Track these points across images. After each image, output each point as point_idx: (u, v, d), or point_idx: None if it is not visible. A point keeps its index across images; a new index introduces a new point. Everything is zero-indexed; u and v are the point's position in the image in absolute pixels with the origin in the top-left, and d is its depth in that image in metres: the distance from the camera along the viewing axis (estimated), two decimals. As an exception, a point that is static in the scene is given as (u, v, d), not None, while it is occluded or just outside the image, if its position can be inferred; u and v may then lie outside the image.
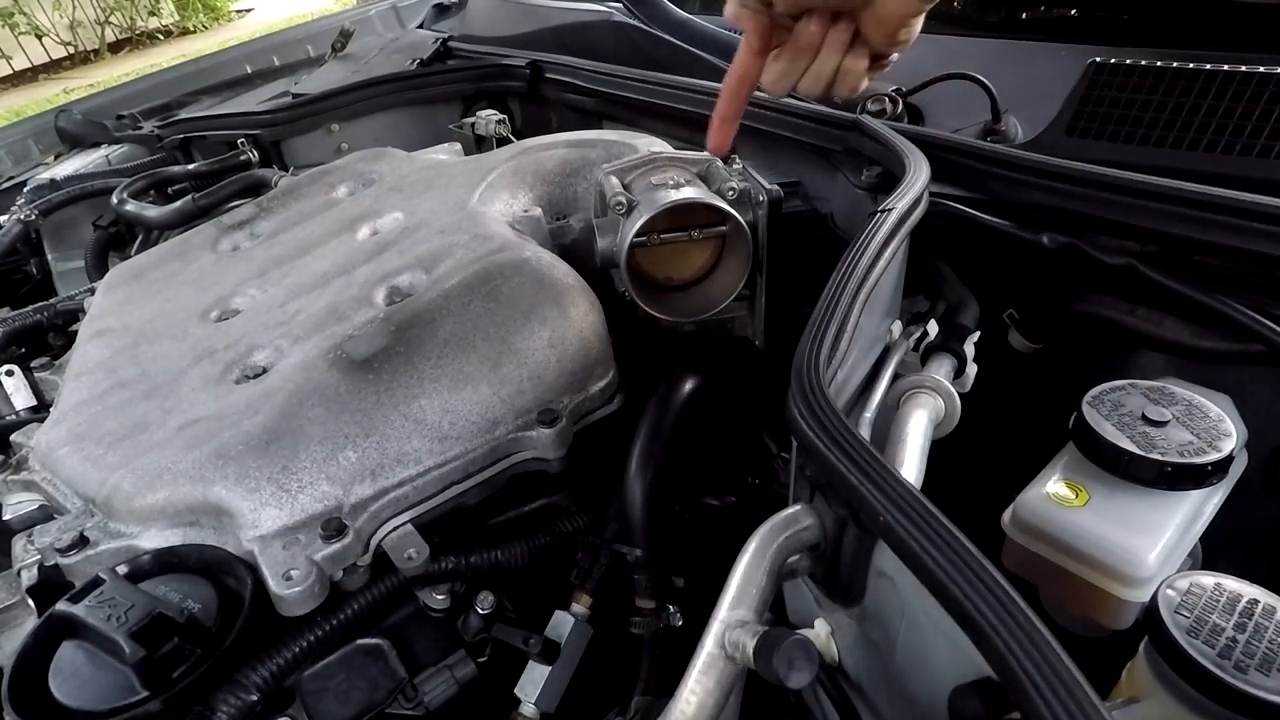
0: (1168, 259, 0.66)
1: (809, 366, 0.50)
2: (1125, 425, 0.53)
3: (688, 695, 0.41)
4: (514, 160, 0.96)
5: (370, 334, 0.71)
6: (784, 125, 0.93)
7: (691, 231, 0.74)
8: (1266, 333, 0.59)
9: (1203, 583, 0.42)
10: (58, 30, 8.41)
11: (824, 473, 0.44)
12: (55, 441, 0.72)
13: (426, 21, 2.04)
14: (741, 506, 0.85)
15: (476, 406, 0.68)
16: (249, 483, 0.61)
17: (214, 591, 0.59)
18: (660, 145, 0.95)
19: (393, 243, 0.87)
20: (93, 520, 0.66)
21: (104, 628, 0.53)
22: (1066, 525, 0.50)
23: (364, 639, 0.64)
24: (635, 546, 0.72)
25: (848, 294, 0.56)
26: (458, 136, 1.40)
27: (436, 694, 0.65)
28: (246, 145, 1.41)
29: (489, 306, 0.72)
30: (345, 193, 1.06)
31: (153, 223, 1.27)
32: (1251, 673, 0.37)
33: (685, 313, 0.79)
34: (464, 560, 0.67)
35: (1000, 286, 0.77)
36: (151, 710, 0.53)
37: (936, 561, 0.36)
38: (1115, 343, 0.71)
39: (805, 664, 0.37)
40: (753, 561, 0.44)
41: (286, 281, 0.87)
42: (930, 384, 0.61)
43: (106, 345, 0.85)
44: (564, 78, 1.38)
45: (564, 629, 0.71)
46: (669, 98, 1.12)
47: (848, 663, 0.54)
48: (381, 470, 0.64)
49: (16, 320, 1.05)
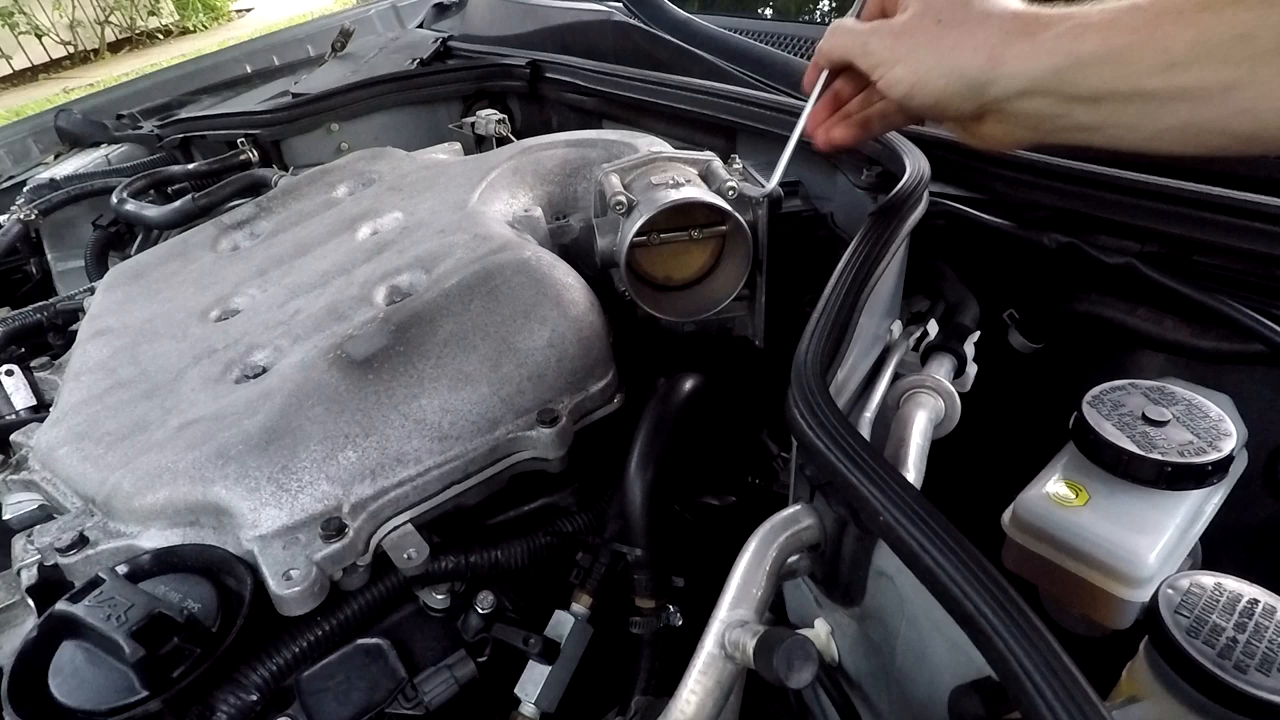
0: (1168, 259, 0.66)
1: (809, 366, 0.50)
2: (1125, 425, 0.53)
3: (688, 695, 0.41)
4: (514, 160, 0.96)
5: (370, 334, 0.71)
6: (784, 125, 0.93)
7: (691, 231, 0.74)
8: (1266, 333, 0.59)
9: (1203, 583, 0.42)
10: (57, 30, 8.42)
11: (824, 473, 0.44)
12: (55, 441, 0.72)
13: (426, 21, 2.04)
14: (741, 506, 0.85)
15: (476, 406, 0.68)
16: (249, 482, 0.61)
17: (214, 591, 0.59)
18: (660, 145, 0.95)
19: (392, 242, 0.87)
20: (92, 520, 0.66)
21: (104, 627, 0.53)
22: (1066, 525, 0.50)
23: (364, 639, 0.64)
24: (635, 546, 0.72)
25: (848, 294, 0.56)
26: (458, 136, 1.40)
27: (436, 694, 0.65)
28: (246, 145, 1.41)
29: (489, 306, 0.72)
30: (345, 192, 1.06)
31: (153, 222, 1.27)
32: (1251, 673, 0.37)
33: (685, 312, 0.79)
34: (464, 560, 0.67)
35: (1000, 286, 0.77)
36: (151, 710, 0.53)
37: (936, 561, 0.36)
38: (1115, 343, 0.71)
39: (805, 664, 0.37)
40: (753, 561, 0.44)
41: (286, 281, 0.87)
42: (930, 384, 0.61)
43: (106, 345, 0.85)
44: (564, 77, 1.37)
45: (564, 629, 0.71)
46: (669, 98, 1.12)
47: (848, 663, 0.54)
48: (381, 470, 0.64)
49: (16, 320, 1.05)
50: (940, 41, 0.53)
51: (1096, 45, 0.47)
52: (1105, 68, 0.47)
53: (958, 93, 0.53)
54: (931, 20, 0.54)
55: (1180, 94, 0.45)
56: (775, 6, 1.61)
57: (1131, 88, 0.46)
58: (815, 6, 1.58)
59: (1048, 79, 0.49)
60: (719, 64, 1.16)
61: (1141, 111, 0.47)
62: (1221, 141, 0.46)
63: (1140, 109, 0.47)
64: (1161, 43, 0.44)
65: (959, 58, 0.52)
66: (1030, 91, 0.51)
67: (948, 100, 0.54)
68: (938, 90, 0.54)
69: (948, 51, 0.53)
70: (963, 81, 0.53)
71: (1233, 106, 0.43)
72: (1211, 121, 0.44)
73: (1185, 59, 0.43)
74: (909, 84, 0.55)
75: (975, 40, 0.52)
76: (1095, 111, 0.49)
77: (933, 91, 0.55)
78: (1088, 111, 0.49)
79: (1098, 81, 0.47)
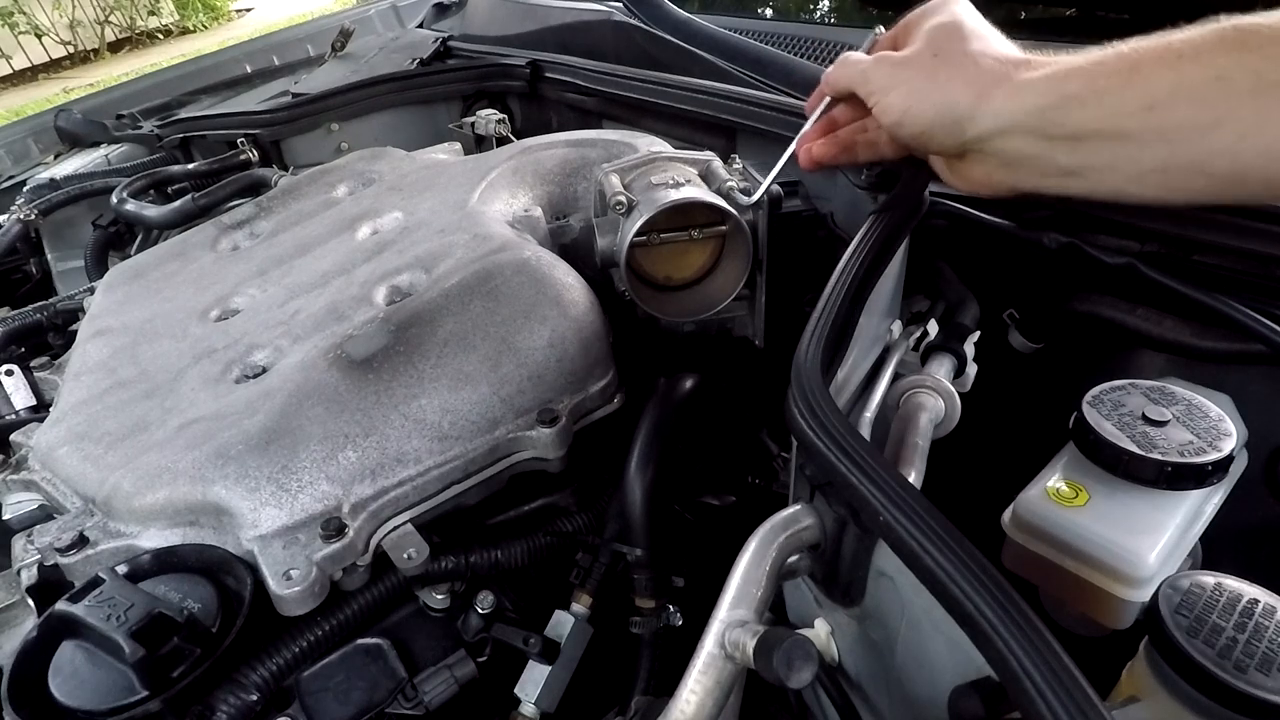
0: (1168, 259, 0.66)
1: (809, 366, 0.50)
2: (1125, 425, 0.53)
3: (688, 695, 0.41)
4: (514, 160, 0.96)
5: (370, 334, 0.71)
6: (784, 125, 0.93)
7: (691, 231, 0.74)
8: (1266, 333, 0.59)
9: (1203, 582, 0.42)
10: (57, 30, 8.42)
11: (824, 473, 0.44)
12: (55, 441, 0.72)
13: (426, 21, 2.03)
14: (741, 506, 0.85)
15: (476, 406, 0.68)
16: (249, 482, 0.61)
17: (214, 591, 0.59)
18: (660, 145, 0.95)
19: (392, 242, 0.87)
20: (92, 520, 0.66)
21: (104, 627, 0.53)
22: (1066, 525, 0.50)
23: (364, 639, 0.64)
24: (635, 546, 0.72)
25: (848, 294, 0.56)
26: (458, 136, 1.40)
27: (436, 694, 0.65)
28: (246, 145, 1.41)
29: (489, 306, 0.72)
30: (345, 192, 1.06)
31: (152, 222, 1.27)
32: (1251, 673, 0.37)
33: (685, 312, 0.79)
34: (464, 560, 0.67)
35: (1000, 286, 0.77)
36: (151, 710, 0.53)
37: (936, 561, 0.36)
38: (1115, 343, 0.71)
39: (805, 664, 0.37)
40: (753, 561, 0.44)
41: (286, 281, 0.87)
42: (930, 384, 0.61)
43: (106, 345, 0.85)
44: (564, 77, 1.37)
45: (564, 628, 0.71)
46: (669, 98, 1.12)
47: (848, 663, 0.54)
48: (381, 470, 0.64)
49: (16, 320, 1.05)
50: (935, 75, 0.55)
51: (1079, 86, 0.48)
52: (1087, 108, 0.48)
53: (944, 126, 0.55)
54: (929, 55, 0.56)
55: (1159, 134, 0.46)
56: (775, 6, 1.61)
57: (1112, 128, 0.47)
58: (815, 6, 1.58)
59: (1030, 118, 0.51)
60: (719, 64, 1.16)
61: (1121, 153, 0.48)
62: (1200, 184, 0.46)
63: (1119, 150, 0.48)
64: (1141, 85, 0.46)
65: (949, 91, 0.54)
66: (1012, 130, 0.52)
67: (933, 132, 0.56)
68: (926, 120, 0.56)
69: (940, 85, 0.55)
70: (950, 115, 0.54)
71: (1211, 147, 0.44)
72: (1190, 163, 0.45)
73: (1165, 100, 0.45)
74: (900, 111, 0.57)
75: (966, 76, 0.53)
76: (1075, 152, 0.50)
77: (921, 121, 0.56)
78: (1068, 153, 0.50)
79: (1079, 121, 0.48)
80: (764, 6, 1.63)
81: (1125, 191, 0.50)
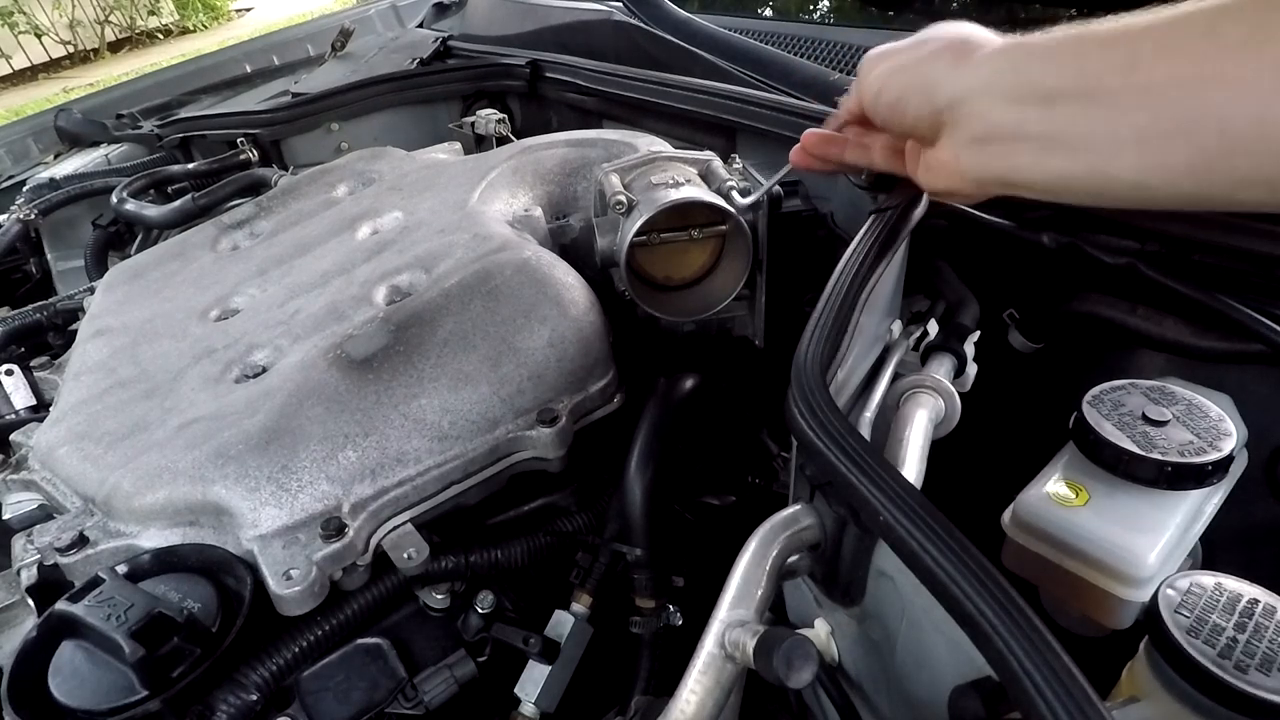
0: (1168, 259, 0.66)
1: (809, 366, 0.50)
2: (1125, 425, 0.53)
3: (688, 695, 0.41)
4: (514, 160, 0.96)
5: (370, 333, 0.71)
6: (784, 125, 0.93)
7: (691, 231, 0.74)
8: (1266, 333, 0.59)
9: (1203, 582, 0.42)
10: (57, 29, 8.42)
11: (824, 473, 0.44)
12: (55, 441, 0.72)
13: (426, 21, 2.03)
14: (741, 506, 0.85)
15: (476, 406, 0.68)
16: (249, 482, 0.61)
17: (214, 591, 0.59)
18: (660, 145, 0.95)
19: (392, 242, 0.86)
20: (92, 520, 0.66)
21: (104, 627, 0.53)
22: (1066, 525, 0.50)
23: (364, 639, 0.64)
24: (635, 546, 0.72)
25: (848, 294, 0.56)
26: (458, 136, 1.40)
27: (436, 693, 0.65)
28: (246, 145, 1.41)
29: (489, 306, 0.72)
30: (345, 192, 1.06)
31: (152, 222, 1.27)
32: (1251, 673, 0.37)
33: (685, 312, 0.79)
34: (464, 560, 0.67)
35: (1000, 286, 0.77)
36: (151, 710, 0.53)
37: (936, 561, 0.36)
38: (1115, 343, 0.71)
39: (805, 664, 0.37)
40: (753, 561, 0.44)
41: (286, 281, 0.87)
42: (930, 384, 0.61)
43: (106, 345, 0.85)
44: (564, 77, 1.37)
45: (564, 628, 0.71)
46: (669, 98, 1.12)
47: (848, 663, 0.54)
48: (381, 470, 0.64)
49: (16, 320, 1.05)
50: (918, 50, 0.55)
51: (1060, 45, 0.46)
52: (1065, 66, 0.45)
53: (918, 90, 0.54)
54: (919, 39, 0.56)
55: (1141, 93, 0.42)
56: (775, 6, 1.61)
57: (1090, 86, 0.44)
58: (815, 6, 1.58)
59: (1003, 78, 0.49)
60: (719, 64, 1.16)
61: (1098, 116, 0.44)
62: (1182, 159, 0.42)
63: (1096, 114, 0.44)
64: (1126, 45, 0.43)
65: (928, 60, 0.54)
66: (984, 92, 0.50)
67: (908, 99, 0.55)
68: (900, 86, 0.55)
69: (921, 57, 0.54)
70: (925, 79, 0.53)
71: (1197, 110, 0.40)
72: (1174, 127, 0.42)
73: (1148, 58, 0.42)
74: (880, 81, 0.57)
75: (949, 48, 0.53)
76: (1048, 117, 0.47)
77: (896, 87, 0.56)
78: (1040, 118, 0.47)
79: (1055, 78, 0.46)
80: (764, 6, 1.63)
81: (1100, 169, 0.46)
